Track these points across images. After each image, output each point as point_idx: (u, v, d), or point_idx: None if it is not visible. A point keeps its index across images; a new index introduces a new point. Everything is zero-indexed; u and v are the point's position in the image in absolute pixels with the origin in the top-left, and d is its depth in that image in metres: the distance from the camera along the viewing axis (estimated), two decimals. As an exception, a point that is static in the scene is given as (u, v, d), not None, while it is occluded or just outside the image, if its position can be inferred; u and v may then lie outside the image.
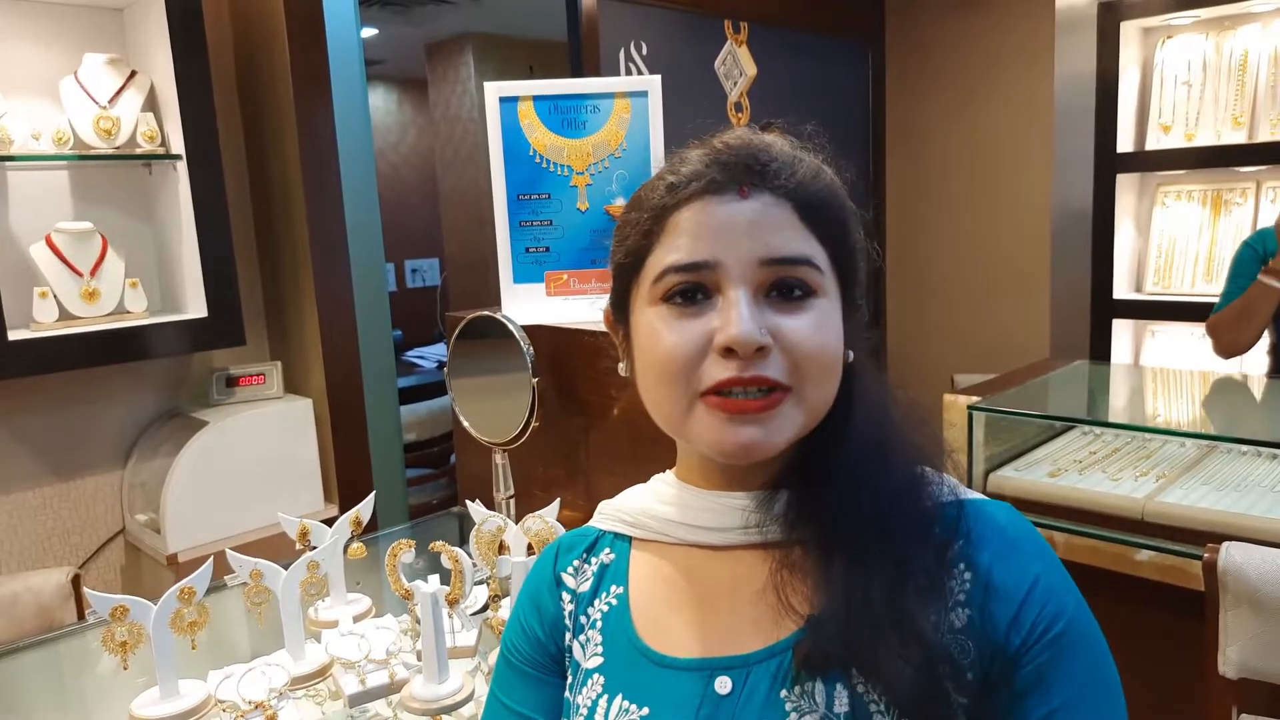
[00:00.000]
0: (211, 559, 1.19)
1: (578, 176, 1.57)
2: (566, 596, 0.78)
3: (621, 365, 0.77)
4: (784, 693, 0.65)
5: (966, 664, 0.63)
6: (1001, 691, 0.64)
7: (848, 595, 0.64)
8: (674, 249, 0.67)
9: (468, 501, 1.36)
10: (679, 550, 0.74)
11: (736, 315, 0.64)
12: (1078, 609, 0.66)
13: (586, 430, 1.56)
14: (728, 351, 0.64)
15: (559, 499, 1.32)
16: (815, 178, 0.70)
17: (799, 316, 0.66)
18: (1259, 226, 3.23)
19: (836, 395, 0.69)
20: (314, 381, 2.45)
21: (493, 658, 1.24)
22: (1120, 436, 2.20)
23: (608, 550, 0.78)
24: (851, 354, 0.70)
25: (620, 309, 0.74)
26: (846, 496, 0.67)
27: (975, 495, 0.71)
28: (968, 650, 0.64)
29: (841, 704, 0.63)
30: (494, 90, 1.56)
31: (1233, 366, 3.16)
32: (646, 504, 0.77)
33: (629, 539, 0.78)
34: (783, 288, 0.66)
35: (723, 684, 0.67)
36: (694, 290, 0.66)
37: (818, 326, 0.66)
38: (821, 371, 0.66)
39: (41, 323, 2.04)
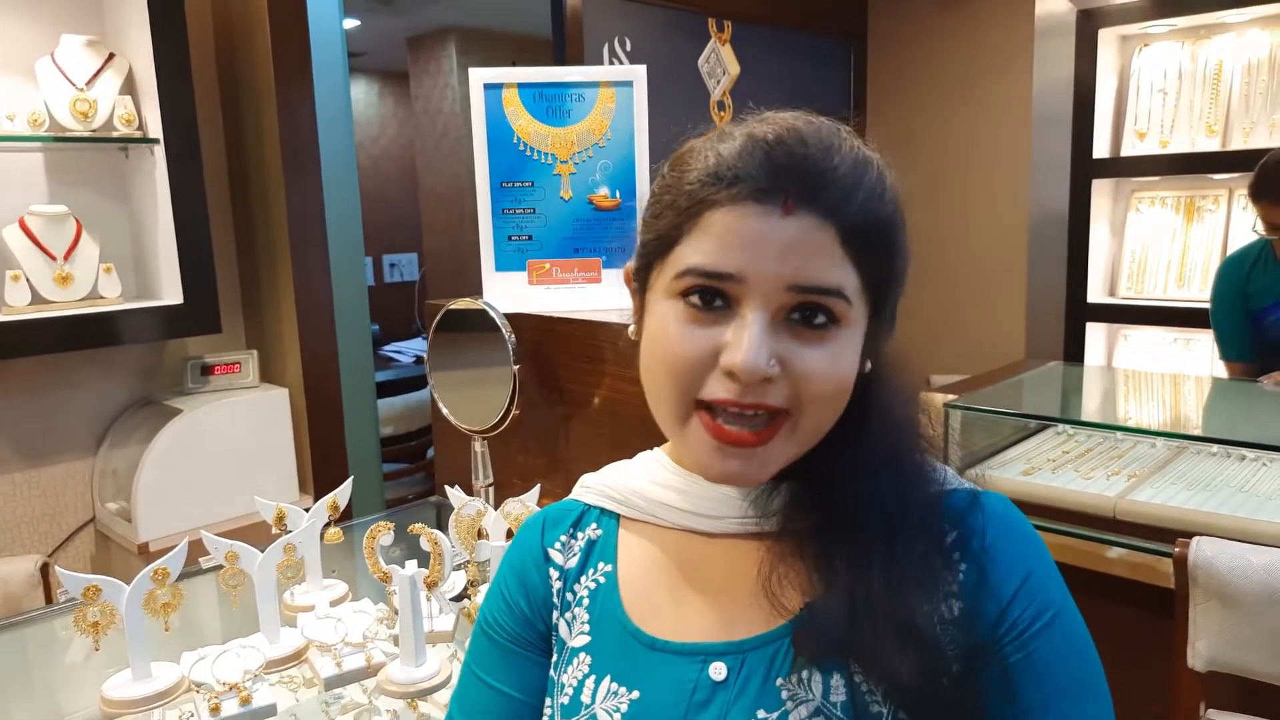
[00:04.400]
0: (186, 541, 1.18)
1: (561, 165, 1.57)
2: (554, 573, 0.76)
3: (632, 329, 0.73)
4: (780, 680, 0.65)
5: (954, 655, 0.63)
6: (986, 684, 0.64)
7: (848, 587, 0.64)
8: (701, 250, 0.63)
9: (446, 487, 1.36)
10: (672, 533, 0.73)
11: (748, 341, 0.61)
12: (1065, 606, 0.66)
13: (567, 419, 1.56)
14: (731, 374, 0.62)
15: (539, 485, 1.32)
16: (876, 201, 0.65)
17: (815, 347, 0.63)
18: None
19: (850, 404, 0.67)
20: (290, 371, 2.43)
21: (470, 644, 1.24)
22: (1093, 436, 2.23)
23: (594, 526, 0.77)
24: (870, 364, 0.68)
25: (641, 278, 0.70)
26: (849, 491, 0.67)
27: (972, 486, 0.71)
28: (956, 641, 0.64)
29: (839, 693, 0.63)
30: (478, 76, 1.55)
31: (1204, 369, 3.20)
32: (638, 484, 0.75)
33: (616, 516, 0.77)
34: (805, 314, 0.63)
35: (717, 670, 0.67)
36: (713, 295, 0.63)
37: (833, 360, 0.63)
38: (825, 402, 0.64)
39: (13, 306, 2.00)
